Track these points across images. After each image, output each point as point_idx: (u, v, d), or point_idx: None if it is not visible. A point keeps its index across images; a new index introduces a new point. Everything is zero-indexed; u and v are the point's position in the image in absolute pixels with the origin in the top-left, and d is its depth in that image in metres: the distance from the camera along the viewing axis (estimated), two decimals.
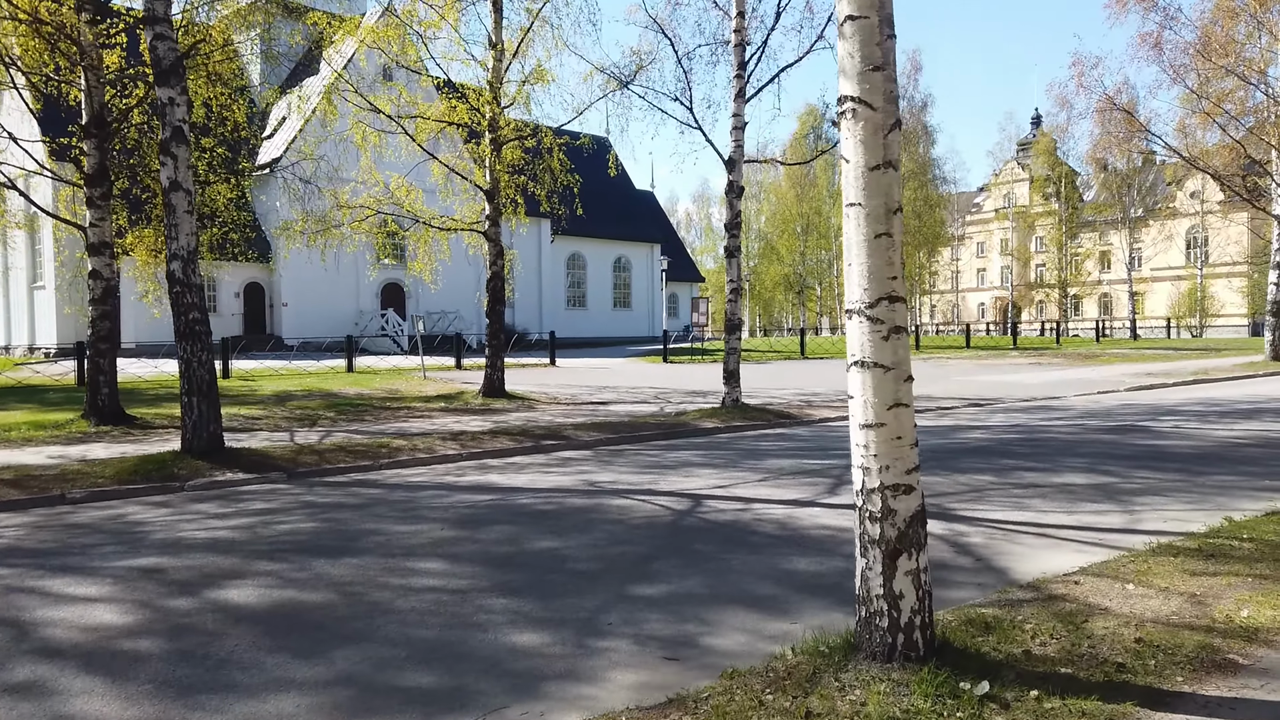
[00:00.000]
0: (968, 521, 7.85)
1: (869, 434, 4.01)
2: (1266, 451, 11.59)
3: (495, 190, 20.35)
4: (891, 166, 4.00)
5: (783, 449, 12.84)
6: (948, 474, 10.25)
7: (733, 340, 16.60)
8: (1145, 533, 7.26)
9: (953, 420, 16.10)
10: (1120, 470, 10.33)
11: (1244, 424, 14.47)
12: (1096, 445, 12.45)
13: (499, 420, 16.13)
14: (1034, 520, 7.87)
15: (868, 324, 4.02)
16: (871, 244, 4.01)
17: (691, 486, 9.76)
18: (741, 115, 16.36)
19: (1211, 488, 9.20)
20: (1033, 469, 10.53)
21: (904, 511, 4.00)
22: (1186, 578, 5.49)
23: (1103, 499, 8.74)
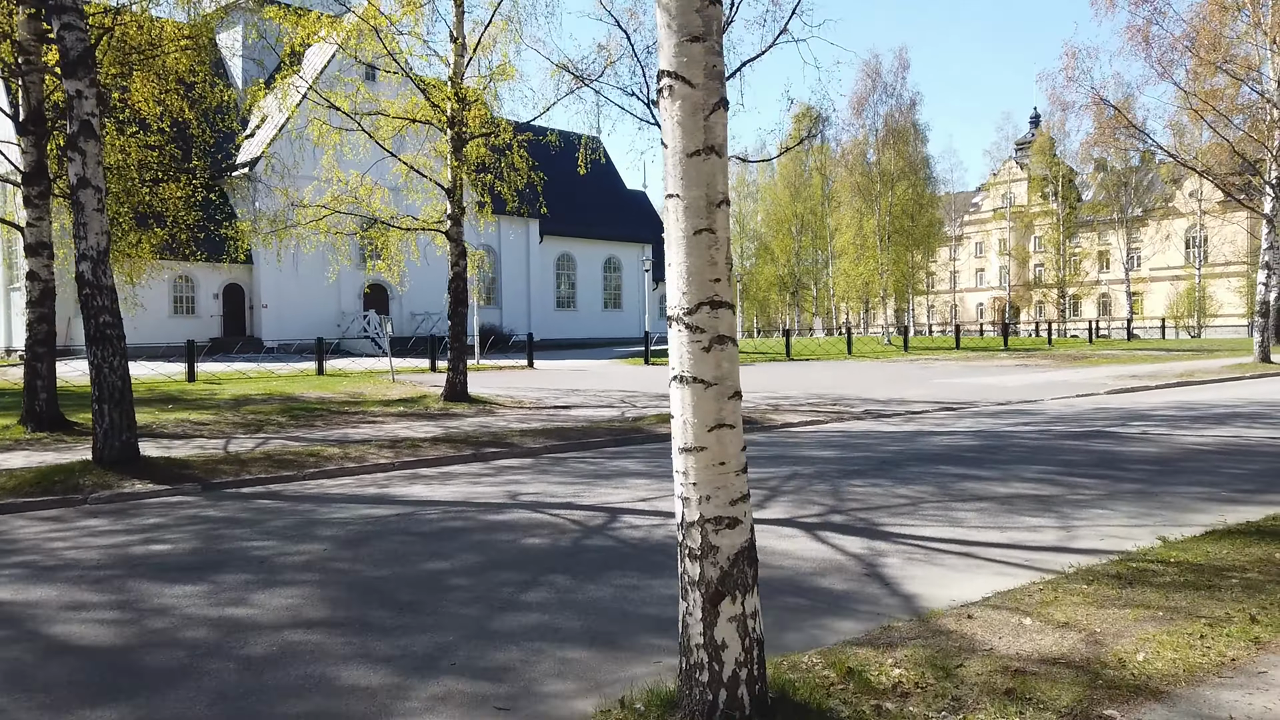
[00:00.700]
0: (892, 539, 7.34)
1: (688, 459, 3.49)
2: (1230, 460, 11.05)
3: (457, 189, 19.84)
4: (714, 152, 3.47)
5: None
6: (890, 484, 9.73)
7: None
8: (1077, 551, 6.76)
9: (917, 425, 15.56)
10: (1073, 480, 9.80)
11: (1215, 430, 13.93)
12: (1057, 453, 11.92)
13: (450, 426, 15.62)
14: (963, 537, 7.35)
15: (686, 333, 3.50)
16: (691, 241, 3.48)
17: (617, 499, 9.24)
18: None
19: (1163, 500, 8.68)
20: (981, 479, 10.00)
21: (727, 548, 3.48)
22: (1092, 610, 4.96)
23: (1044, 513, 8.22)
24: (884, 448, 12.79)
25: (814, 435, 14.59)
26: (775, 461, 11.67)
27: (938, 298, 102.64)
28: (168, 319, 38.48)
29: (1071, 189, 79.94)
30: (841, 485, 9.80)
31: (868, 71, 44.89)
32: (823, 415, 17.00)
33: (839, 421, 16.46)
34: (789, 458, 12.01)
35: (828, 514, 8.35)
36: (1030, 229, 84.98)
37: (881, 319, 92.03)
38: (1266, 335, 28.19)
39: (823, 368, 32.06)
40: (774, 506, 8.70)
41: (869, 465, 11.19)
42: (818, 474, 10.58)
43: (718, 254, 3.49)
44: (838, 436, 14.31)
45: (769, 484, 9.94)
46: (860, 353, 40.16)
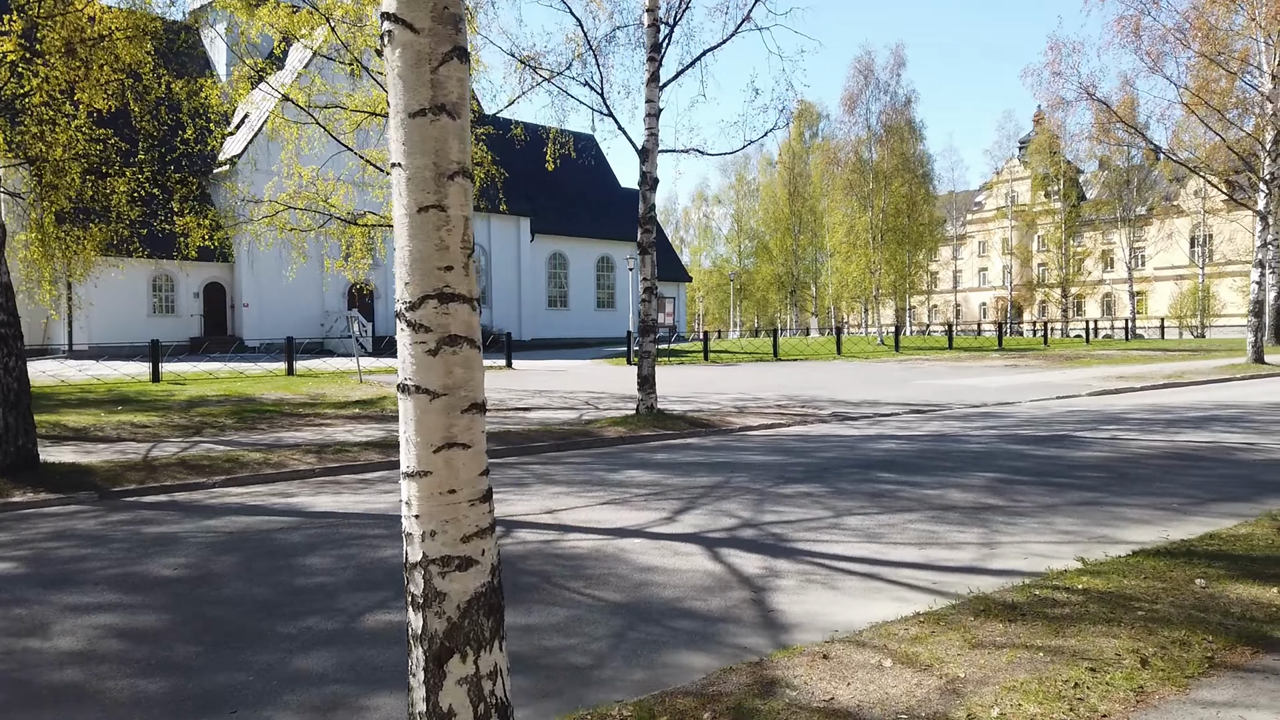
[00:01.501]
0: (798, 557, 6.72)
1: (410, 486, 2.88)
2: (1194, 467, 10.40)
3: None
4: (446, 112, 2.86)
5: (670, 462, 11.69)
6: (823, 493, 9.12)
7: (647, 344, 15.44)
8: (990, 573, 6.14)
9: (878, 429, 14.92)
10: (1017, 490, 9.18)
11: (1185, 435, 13.26)
12: (1012, 459, 11.28)
13: (395, 430, 15.01)
14: (875, 555, 6.73)
15: (409, 332, 2.88)
16: (415, 221, 2.87)
17: (520, 510, 8.62)
18: (655, 101, 15.21)
19: (1107, 512, 8.05)
20: (920, 487, 9.37)
21: (457, 595, 2.86)
22: (967, 649, 4.34)
23: (973, 526, 7.59)
24: (833, 453, 12.16)
25: (767, 439, 13.96)
26: (713, 468, 11.05)
27: (940, 297, 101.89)
28: (146, 318, 37.98)
29: (1073, 187, 79.10)
30: (771, 494, 9.18)
31: (860, 68, 44.21)
32: (786, 418, 16.37)
33: (801, 425, 15.83)
34: (729, 464, 11.39)
35: (740, 528, 7.73)
36: (1033, 228, 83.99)
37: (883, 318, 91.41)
38: (1260, 335, 27.46)
39: (808, 368, 31.40)
40: (685, 519, 8.08)
41: (809, 472, 10.56)
42: (751, 481, 9.96)
43: (450, 236, 2.88)
44: (791, 440, 13.68)
45: (691, 493, 9.33)
46: (850, 353, 39.48)
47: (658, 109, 15.25)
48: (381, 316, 44.09)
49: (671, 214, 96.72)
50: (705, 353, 35.72)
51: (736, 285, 78.39)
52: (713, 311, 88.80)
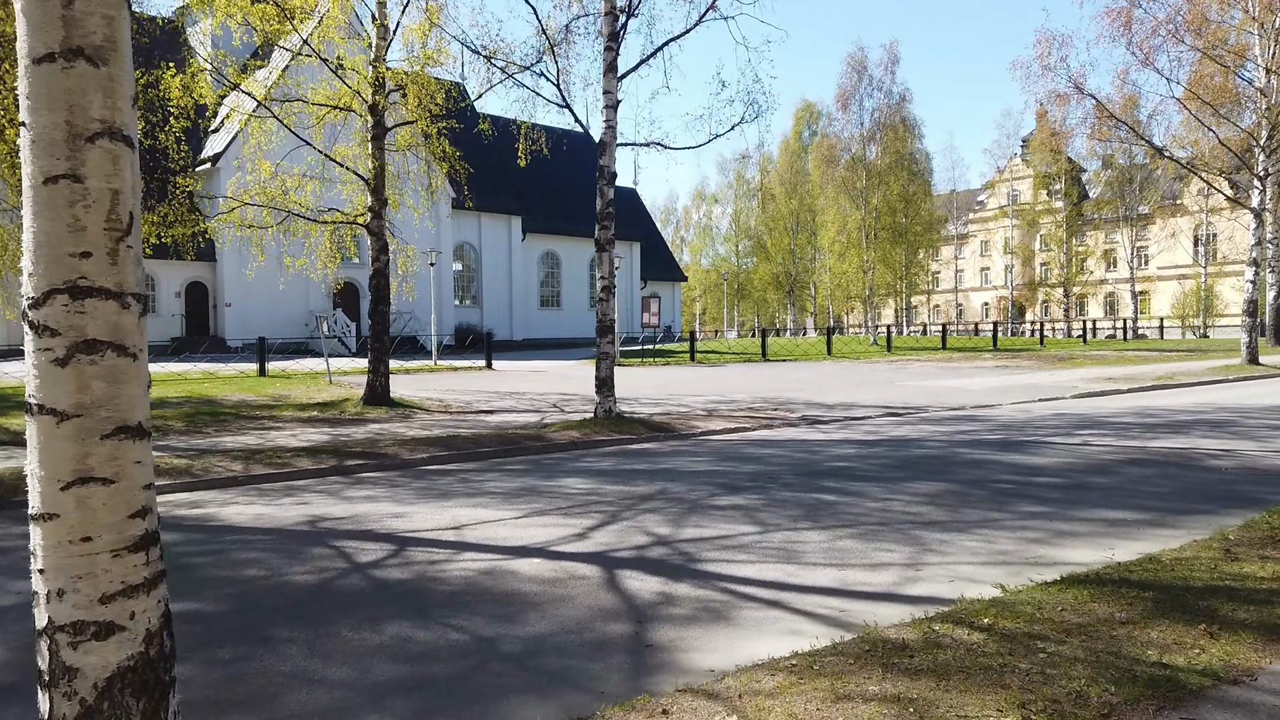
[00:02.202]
0: (701, 580, 6.13)
1: (36, 532, 2.26)
2: (1161, 476, 9.77)
3: (379, 180, 18.65)
4: (86, 57, 2.25)
5: (613, 470, 11.10)
6: (758, 505, 8.52)
7: (605, 345, 14.82)
8: (903, 600, 5.56)
9: (845, 433, 14.30)
10: (965, 502, 8.57)
11: (1161, 441, 12.62)
12: (972, 467, 10.65)
13: (343, 434, 14.46)
14: (786, 578, 6.14)
15: (32, 336, 2.26)
16: (42, 194, 2.26)
17: (426, 525, 8.02)
18: (614, 93, 14.61)
19: (1053, 529, 7.44)
20: (864, 498, 8.77)
21: (94, 671, 2.26)
22: (826, 706, 3.72)
23: (906, 544, 6.98)
24: (786, 460, 11.55)
25: (725, 444, 13.35)
26: (654, 476, 10.45)
27: (943, 297, 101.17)
28: None
29: (1074, 185, 78.27)
30: (702, 506, 8.57)
31: (853, 65, 43.53)
32: (753, 422, 15.77)
33: (766, 429, 15.21)
34: (673, 471, 10.80)
35: (652, 545, 7.12)
36: (1035, 227, 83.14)
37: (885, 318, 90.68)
38: (1254, 335, 26.77)
39: (794, 369, 30.76)
40: (599, 535, 7.47)
41: (753, 480, 9.95)
42: (688, 491, 9.35)
43: (89, 214, 2.27)
44: (749, 446, 13.07)
45: (621, 504, 8.73)
46: (841, 353, 38.83)
47: (616, 100, 14.65)
48: (365, 316, 43.56)
49: (672, 214, 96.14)
50: (692, 353, 35.11)
51: (734, 285, 77.74)
52: (711, 311, 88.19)
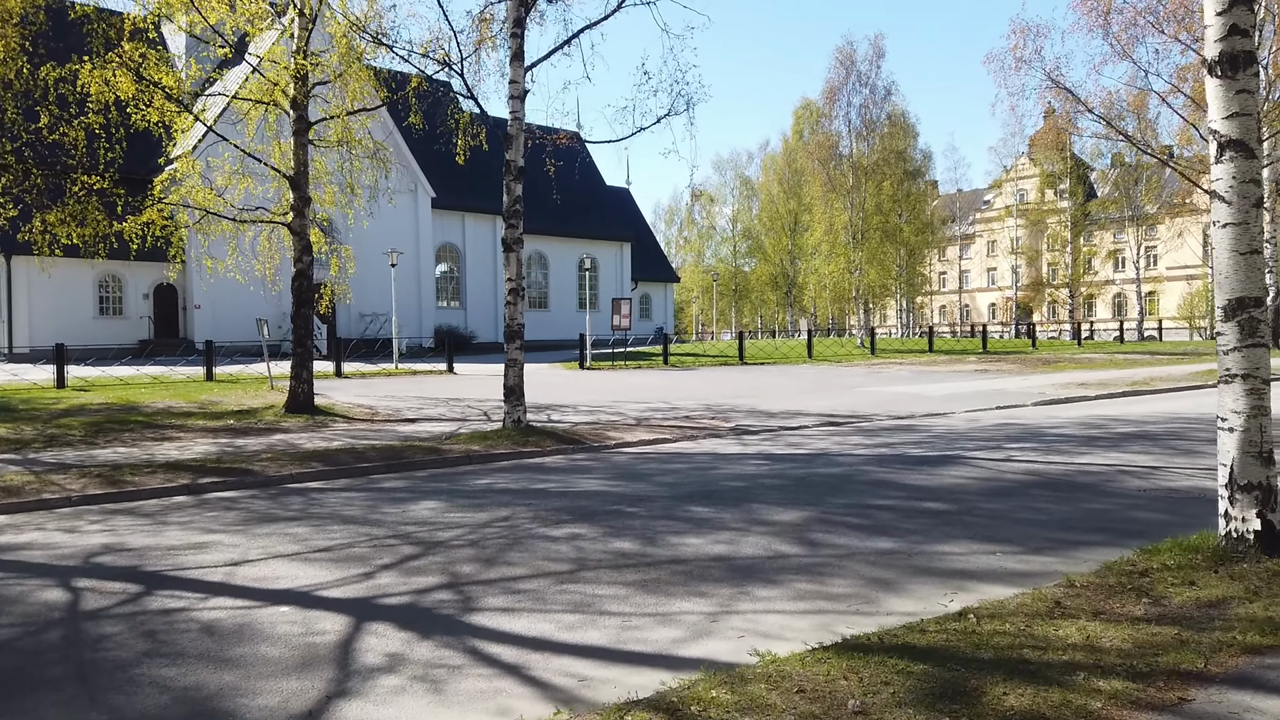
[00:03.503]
0: (456, 635, 5.35)
1: None
2: (1059, 500, 8.88)
3: (301, 178, 17.85)
4: None
5: (482, 489, 10.29)
6: (593, 535, 7.67)
7: (513, 351, 13.97)
8: (669, 663, 4.82)
9: (766, 446, 13.42)
10: (829, 531, 7.76)
11: (1091, 456, 11.70)
12: (866, 488, 9.77)
13: (236, 446, 13.69)
14: (552, 635, 5.35)
15: None
16: None
17: (198, 562, 7.19)
18: (520, 83, 13.74)
19: (905, 567, 6.62)
20: (719, 527, 7.93)
21: None
22: None
23: (724, 588, 6.17)
24: (676, 479, 10.71)
25: (631, 458, 12.51)
26: (516, 498, 9.60)
27: (948, 298, 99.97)
28: (93, 320, 36.87)
29: (1080, 185, 76.96)
30: (531, 538, 7.71)
31: (841, 59, 42.53)
32: (678, 432, 14.92)
33: (689, 440, 14.34)
34: (543, 492, 9.96)
35: (436, 589, 6.28)
36: (1041, 227, 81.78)
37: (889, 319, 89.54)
38: None
39: (765, 373, 29.83)
40: (385, 576, 6.65)
41: (616, 505, 9.11)
42: (529, 519, 8.48)
43: None
44: (652, 461, 12.22)
45: (447, 534, 7.89)
46: (823, 356, 37.85)
47: (523, 90, 13.79)
48: (342, 319, 42.84)
49: (676, 213, 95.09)
50: (665, 356, 34.23)
51: (732, 286, 76.81)
52: (708, 312, 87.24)
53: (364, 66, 18.58)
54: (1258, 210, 5.81)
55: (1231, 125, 5.86)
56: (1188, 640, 4.54)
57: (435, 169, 46.25)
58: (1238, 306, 5.86)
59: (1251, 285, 5.82)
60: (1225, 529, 6.00)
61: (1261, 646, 4.42)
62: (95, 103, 17.45)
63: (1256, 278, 5.82)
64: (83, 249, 17.94)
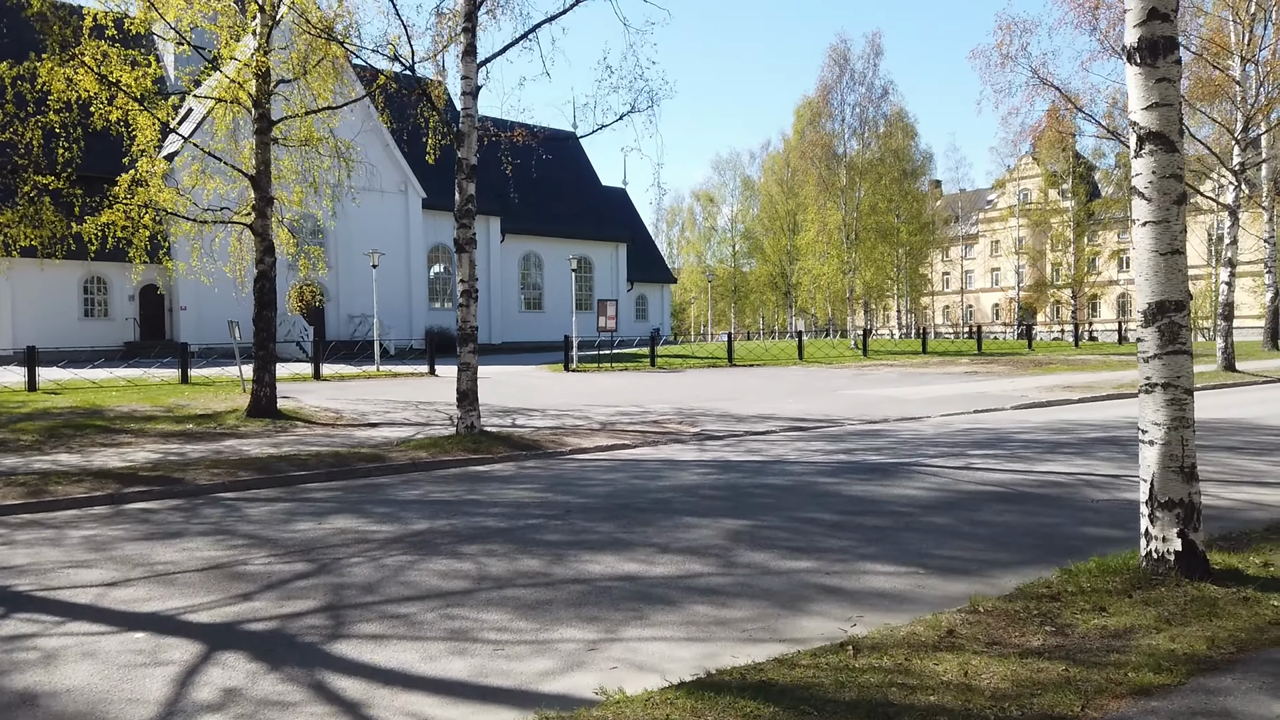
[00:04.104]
0: (309, 666, 5.02)
1: None
2: (1006, 512, 8.50)
3: (263, 177, 17.52)
4: None
5: (415, 500, 9.97)
6: (507, 552, 7.35)
7: (466, 354, 13.60)
8: (527, 700, 4.47)
9: (722, 453, 13.05)
10: (752, 548, 7.41)
11: (1053, 464, 11.30)
12: (810, 500, 9.41)
13: (183, 452, 13.37)
14: (413, 666, 5.05)
15: None
16: None
17: (90, 580, 6.83)
18: (473, 79, 13.38)
19: (821, 586, 6.30)
20: (640, 544, 7.56)
21: None
22: None
23: (614, 613, 5.83)
24: (616, 489, 10.36)
25: (580, 465, 12.15)
26: (438, 511, 9.24)
27: (952, 298, 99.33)
28: (78, 322, 36.64)
29: (1081, 184, 76.29)
30: (435, 553, 7.36)
31: (835, 58, 42.10)
32: (639, 438, 14.54)
33: (648, 446, 13.97)
34: (477, 502, 9.63)
35: (308, 614, 5.94)
36: (1044, 226, 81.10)
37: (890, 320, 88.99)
38: (1229, 341, 25.20)
39: (750, 375, 29.43)
40: (261, 599, 6.30)
41: (548, 516, 8.74)
42: (446, 534, 8.12)
43: None
44: (600, 470, 11.87)
45: (356, 549, 7.54)
46: (814, 358, 37.43)
47: (475, 87, 13.43)
48: (332, 320, 42.57)
49: (679, 213, 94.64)
50: (652, 358, 33.85)
51: (731, 287, 76.37)
52: (707, 313, 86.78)
53: (330, 64, 18.25)
54: (1179, 208, 5.41)
55: (1151, 116, 5.45)
56: (1074, 678, 4.14)
57: (428, 169, 45.93)
58: (1158, 311, 5.46)
59: (1172, 288, 5.42)
60: (1146, 549, 5.60)
61: (1151, 687, 4.02)
62: (56, 101, 17.16)
63: (1177, 280, 5.42)
64: (39, 250, 17.65)
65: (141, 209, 17.46)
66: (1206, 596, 5.19)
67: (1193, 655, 4.39)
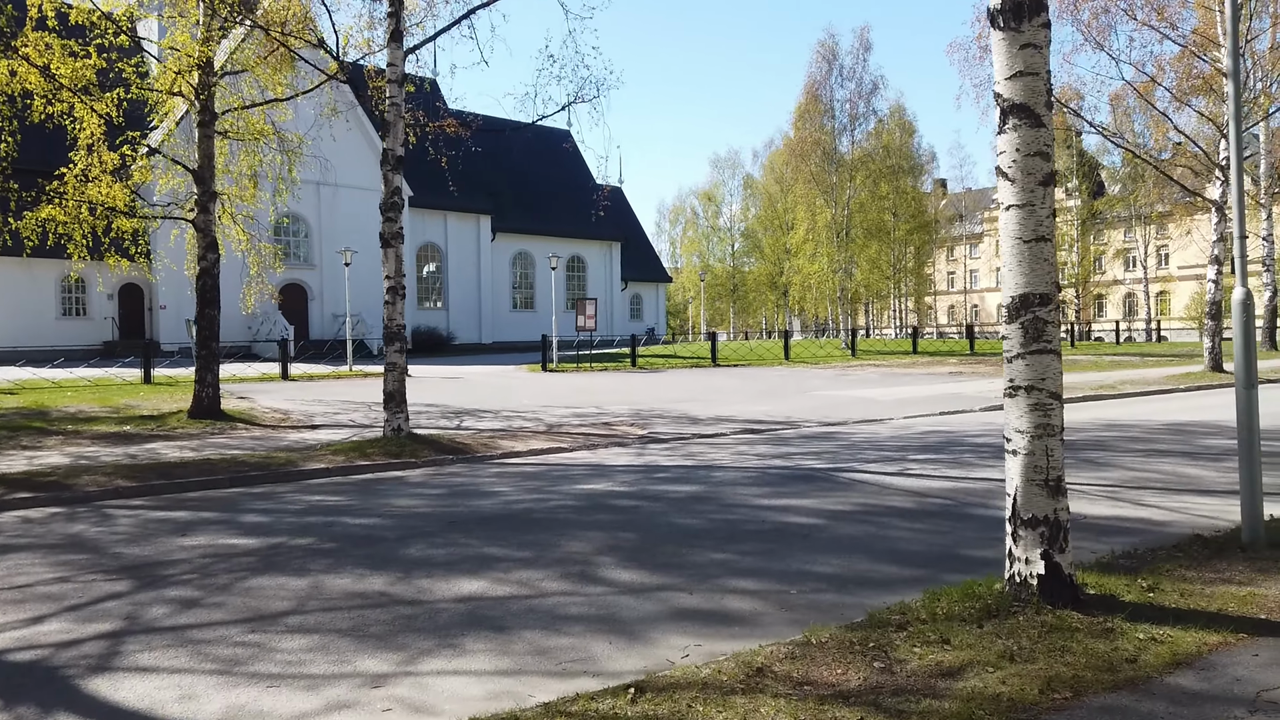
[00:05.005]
0: (68, 699, 4.41)
1: None
2: (899, 531, 7.91)
3: (206, 171, 17.01)
4: None
5: (303, 510, 9.40)
6: (344, 570, 6.81)
7: (392, 354, 13.05)
8: None
9: (652, 458, 12.51)
10: (623, 567, 6.87)
11: (987, 471, 10.71)
12: (719, 509, 8.85)
13: (91, 456, 12.83)
14: (170, 702, 4.42)
15: None
16: None
17: None
18: (399, 65, 12.83)
19: (672, 608, 5.78)
20: (502, 561, 7.05)
21: None
22: None
23: (443, 634, 5.26)
24: (515, 496, 9.83)
25: (496, 472, 11.62)
26: (313, 522, 8.70)
27: (956, 298, 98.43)
28: (55, 321, 36.28)
29: (1085, 181, 75.37)
30: (275, 570, 6.84)
31: (823, 54, 41.43)
32: (580, 441, 14.01)
33: (586, 450, 13.41)
34: (362, 510, 9.04)
35: (89, 640, 5.41)
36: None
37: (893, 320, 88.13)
38: (1216, 340, 24.49)
39: (727, 375, 28.84)
40: (56, 621, 5.76)
41: (416, 530, 8.20)
42: (304, 549, 7.57)
43: None
44: (512, 478, 11.34)
45: (162, 573, 6.97)
46: (801, 357, 36.80)
47: (401, 75, 12.87)
48: (316, 319, 42.14)
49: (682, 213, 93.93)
50: (633, 359, 33.26)
51: (729, 286, 75.71)
52: (707, 311, 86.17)
53: (279, 56, 17.73)
54: (1045, 189, 4.81)
55: (1015, 87, 4.85)
56: None
57: (415, 166, 45.47)
58: (1021, 305, 4.86)
59: (1037, 279, 4.82)
60: (1010, 571, 5.00)
61: None
62: None
63: (1043, 270, 4.82)
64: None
65: (77, 204, 16.93)
66: (1065, 626, 4.59)
67: (1017, 702, 3.80)
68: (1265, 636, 4.50)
